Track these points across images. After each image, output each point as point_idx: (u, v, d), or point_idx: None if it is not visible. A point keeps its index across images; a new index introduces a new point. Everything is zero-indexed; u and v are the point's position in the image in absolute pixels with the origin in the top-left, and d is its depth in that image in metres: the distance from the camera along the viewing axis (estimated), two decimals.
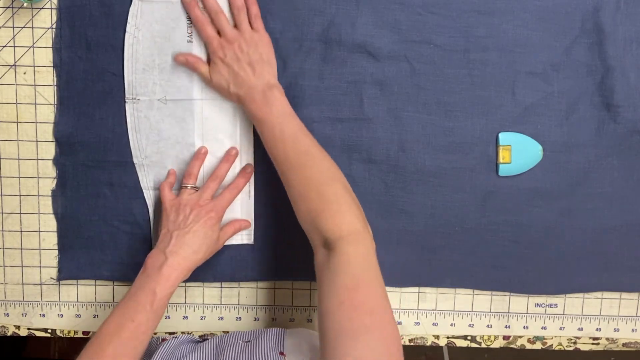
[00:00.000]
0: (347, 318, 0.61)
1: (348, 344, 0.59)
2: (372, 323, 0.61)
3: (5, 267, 0.86)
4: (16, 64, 0.82)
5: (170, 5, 0.79)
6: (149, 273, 0.73)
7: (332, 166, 0.74)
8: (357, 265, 0.66)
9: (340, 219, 0.70)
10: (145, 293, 0.72)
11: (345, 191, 0.73)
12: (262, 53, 0.77)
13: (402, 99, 0.82)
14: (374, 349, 0.59)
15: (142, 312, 0.71)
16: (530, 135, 0.82)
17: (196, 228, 0.76)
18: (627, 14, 0.80)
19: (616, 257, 0.85)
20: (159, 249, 0.75)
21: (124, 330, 0.70)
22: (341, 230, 0.69)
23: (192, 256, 0.75)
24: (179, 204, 0.78)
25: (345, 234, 0.68)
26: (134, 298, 0.72)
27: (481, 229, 0.84)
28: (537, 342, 0.88)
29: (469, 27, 0.80)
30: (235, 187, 0.81)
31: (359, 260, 0.67)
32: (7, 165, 0.83)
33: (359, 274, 0.65)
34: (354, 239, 0.68)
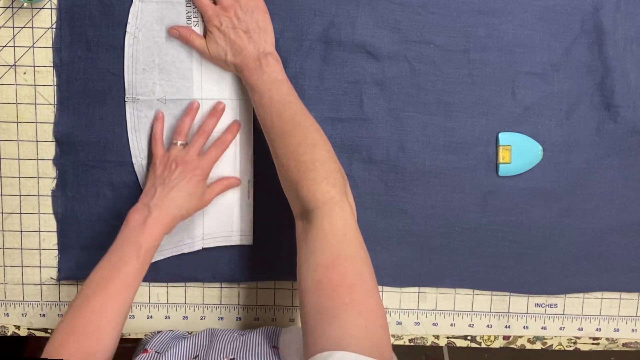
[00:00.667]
0: (325, 297, 0.59)
1: (326, 324, 0.57)
2: (351, 300, 0.59)
3: (5, 267, 0.86)
4: (16, 64, 0.82)
5: (170, 5, 0.79)
6: (133, 226, 0.73)
7: (315, 133, 0.72)
8: (333, 240, 0.63)
9: (315, 187, 0.67)
10: (130, 246, 0.71)
11: (327, 158, 0.70)
12: (258, 20, 0.76)
13: (402, 99, 0.82)
14: (352, 326, 0.57)
15: (128, 264, 0.70)
16: (530, 135, 0.82)
17: (181, 185, 0.76)
18: (627, 14, 0.80)
19: (616, 257, 0.85)
20: (143, 202, 0.75)
21: (110, 282, 0.69)
22: (316, 199, 0.66)
23: (175, 211, 0.75)
24: (167, 159, 0.78)
25: (320, 204, 0.66)
26: (119, 251, 0.71)
27: (481, 229, 0.84)
28: (537, 342, 0.88)
29: (469, 27, 0.80)
30: (222, 143, 0.80)
31: (335, 233, 0.64)
32: (7, 165, 0.83)
33: (335, 249, 0.63)
34: (330, 209, 0.65)
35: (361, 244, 0.64)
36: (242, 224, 0.84)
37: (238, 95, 0.81)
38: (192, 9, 0.79)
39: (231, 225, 0.83)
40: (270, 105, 0.73)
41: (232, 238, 0.84)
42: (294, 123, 0.72)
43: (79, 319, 0.68)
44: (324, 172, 0.68)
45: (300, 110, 0.73)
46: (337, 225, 0.64)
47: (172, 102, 0.81)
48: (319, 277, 0.61)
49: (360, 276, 0.61)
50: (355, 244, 0.64)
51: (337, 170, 0.69)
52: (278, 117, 0.72)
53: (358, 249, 0.64)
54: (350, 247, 0.63)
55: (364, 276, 0.61)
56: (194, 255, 0.84)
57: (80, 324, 0.67)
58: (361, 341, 0.56)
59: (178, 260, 0.84)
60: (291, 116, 0.72)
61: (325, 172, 0.68)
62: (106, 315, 0.68)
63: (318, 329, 0.57)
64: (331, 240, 0.63)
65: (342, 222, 0.65)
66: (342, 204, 0.66)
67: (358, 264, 0.62)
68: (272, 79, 0.74)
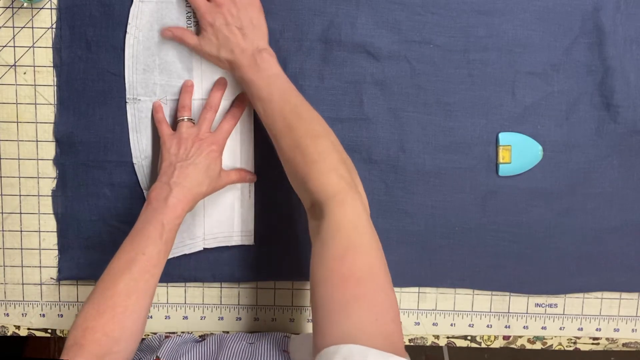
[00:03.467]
0: (335, 289, 0.58)
1: (336, 317, 0.57)
2: (361, 293, 0.58)
3: (5, 267, 0.86)
4: (16, 64, 0.82)
5: (170, 5, 0.79)
6: (155, 206, 0.72)
7: (318, 124, 0.71)
8: (345, 231, 0.62)
9: (325, 179, 0.66)
10: (153, 226, 0.71)
11: (332, 149, 0.69)
12: (252, 17, 0.75)
13: (402, 99, 0.82)
14: (361, 320, 0.56)
15: (152, 244, 0.69)
16: (530, 135, 0.82)
17: (199, 160, 0.75)
18: (627, 14, 0.80)
19: (616, 257, 0.85)
20: (162, 181, 0.74)
21: (135, 264, 0.68)
22: (327, 191, 0.65)
23: (196, 188, 0.74)
24: (180, 137, 0.77)
25: (331, 196, 0.65)
26: (142, 232, 0.71)
27: (481, 229, 0.84)
28: (537, 342, 0.88)
29: (469, 27, 0.80)
30: (233, 117, 0.80)
31: (346, 226, 0.63)
32: (7, 165, 0.83)
33: (346, 241, 0.62)
34: (341, 200, 0.64)
35: (373, 236, 0.63)
36: (243, 223, 0.84)
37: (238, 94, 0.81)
38: (192, 9, 0.79)
39: (232, 225, 0.83)
40: (271, 100, 0.72)
41: (233, 238, 0.84)
42: (296, 116, 0.71)
43: (105, 299, 0.67)
44: (331, 164, 0.67)
45: (300, 103, 0.73)
46: (347, 216, 0.63)
47: (173, 102, 0.81)
48: (330, 268, 0.60)
49: (371, 269, 0.60)
50: (367, 236, 0.63)
51: (344, 160, 0.69)
52: (279, 111, 0.71)
53: (370, 241, 0.63)
54: (362, 239, 0.62)
55: (375, 269, 0.61)
56: (194, 255, 0.84)
57: (108, 305, 0.66)
58: (371, 335, 0.55)
59: (178, 260, 0.84)
60: (292, 109, 0.71)
61: (332, 163, 0.67)
62: (132, 298, 0.67)
63: (326, 322, 0.57)
64: (342, 232, 0.62)
65: (352, 213, 0.64)
66: (353, 194, 0.65)
67: (369, 256, 0.61)
68: (269, 74, 0.74)
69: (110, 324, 0.65)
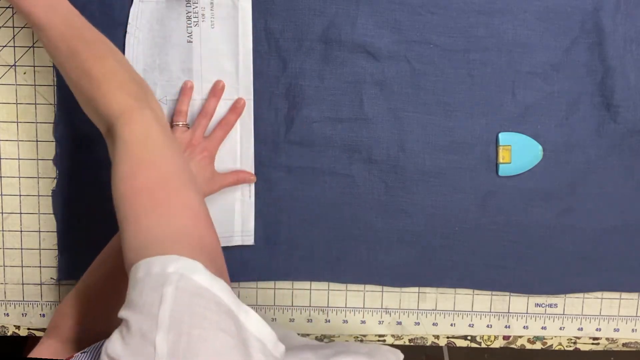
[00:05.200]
0: (129, 206, 0.55)
1: (130, 233, 0.53)
2: (153, 202, 0.55)
3: (5, 267, 0.86)
4: (16, 64, 0.82)
5: (170, 5, 0.79)
6: None
7: (103, 44, 0.66)
8: (133, 148, 0.59)
9: (111, 98, 0.62)
10: None
11: (118, 68, 0.64)
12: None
13: (402, 99, 0.82)
14: (154, 228, 0.53)
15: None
16: (530, 135, 0.82)
17: (192, 166, 0.76)
18: (627, 14, 0.80)
19: (616, 257, 0.85)
20: None
21: (114, 259, 0.69)
22: (114, 110, 0.61)
23: None
24: None
25: (118, 115, 0.61)
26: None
27: (481, 229, 0.84)
28: (537, 342, 0.88)
29: (469, 27, 0.80)
30: (227, 124, 0.80)
31: (134, 141, 0.59)
32: (7, 165, 0.83)
33: (136, 156, 0.58)
34: (128, 118, 0.60)
35: (166, 147, 0.60)
36: (243, 224, 0.84)
37: (238, 95, 0.81)
38: (192, 9, 0.79)
39: (232, 225, 0.83)
40: (51, 27, 0.65)
41: (234, 238, 0.84)
42: (79, 40, 0.66)
43: (83, 290, 0.68)
44: (117, 82, 0.63)
45: (83, 25, 0.67)
46: (136, 132, 0.60)
47: (173, 102, 0.81)
48: (123, 189, 0.57)
49: (164, 179, 0.57)
50: (157, 149, 0.59)
51: (131, 79, 0.64)
52: (61, 37, 0.65)
53: (162, 154, 0.59)
54: (154, 152, 0.59)
55: (169, 179, 0.57)
56: None
57: (82, 294, 0.67)
58: (165, 242, 0.51)
59: None
60: (75, 34, 0.66)
61: (118, 82, 0.63)
62: (105, 294, 0.67)
63: (125, 241, 0.54)
64: (130, 151, 0.59)
65: (141, 128, 0.60)
66: (142, 110, 0.61)
67: (160, 169, 0.58)
68: (49, 1, 0.66)
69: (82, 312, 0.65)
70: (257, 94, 0.81)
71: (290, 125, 0.82)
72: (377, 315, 0.87)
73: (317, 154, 0.82)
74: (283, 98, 0.82)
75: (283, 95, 0.82)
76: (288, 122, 0.82)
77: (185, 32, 0.80)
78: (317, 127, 0.82)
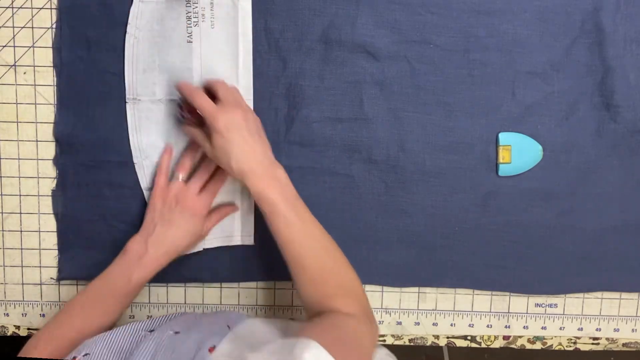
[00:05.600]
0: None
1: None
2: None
3: (5, 267, 0.86)
4: (16, 64, 0.82)
5: (170, 5, 0.79)
6: (129, 259, 0.74)
7: (342, 253, 0.73)
8: (344, 326, 0.64)
9: (349, 303, 0.69)
10: (121, 278, 0.73)
11: (358, 280, 0.72)
12: (258, 124, 0.75)
13: (402, 99, 0.82)
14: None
15: (115, 296, 0.73)
16: (530, 135, 0.82)
17: (179, 222, 0.76)
18: (627, 14, 0.80)
19: (616, 257, 0.85)
20: (142, 236, 0.76)
21: (95, 307, 0.72)
22: (341, 309, 0.68)
23: (173, 249, 0.76)
24: (167, 195, 0.78)
25: (344, 311, 0.68)
26: (110, 281, 0.74)
27: (481, 229, 0.84)
28: (537, 342, 0.88)
29: (469, 27, 0.80)
30: (220, 180, 0.80)
31: (349, 325, 0.65)
32: (7, 165, 0.83)
33: (343, 331, 0.63)
34: (352, 316, 0.67)
35: (364, 356, 0.62)
36: (243, 223, 0.84)
37: None
38: (192, 9, 0.79)
39: (232, 225, 0.83)
40: (294, 223, 0.70)
41: (234, 238, 0.84)
42: (324, 240, 0.72)
43: (60, 326, 0.71)
44: (358, 296, 0.70)
45: (321, 228, 0.72)
46: (351, 322, 0.66)
47: (173, 102, 0.81)
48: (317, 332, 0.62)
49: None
50: (359, 349, 0.62)
51: (366, 296, 0.71)
52: (309, 235, 0.71)
53: (360, 353, 0.62)
54: (355, 342, 0.63)
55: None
56: (194, 255, 0.83)
57: (58, 334, 0.71)
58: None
59: (178, 260, 0.84)
60: (321, 235, 0.72)
61: (359, 295, 0.70)
62: (83, 334, 0.69)
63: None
64: (340, 325, 0.64)
65: (356, 324, 0.66)
66: (369, 323, 0.68)
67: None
68: (291, 194, 0.72)
69: (56, 352, 0.69)
70: (257, 94, 0.81)
71: (290, 125, 0.82)
72: (377, 315, 0.87)
73: (317, 154, 0.82)
74: (283, 98, 0.82)
75: (283, 95, 0.82)
76: (288, 122, 0.82)
77: (185, 32, 0.80)
78: (317, 127, 0.82)
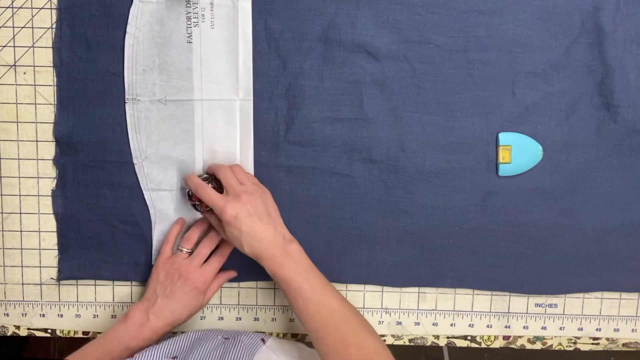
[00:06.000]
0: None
1: None
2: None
3: (5, 267, 0.86)
4: (16, 64, 0.82)
5: (170, 5, 0.79)
6: (129, 327, 0.75)
7: (364, 320, 0.73)
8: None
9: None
10: (118, 343, 0.74)
11: (383, 347, 0.71)
12: (268, 204, 0.76)
13: (402, 99, 0.82)
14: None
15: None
16: (530, 135, 0.82)
17: (180, 296, 0.77)
18: (627, 14, 0.80)
19: (616, 257, 0.85)
20: (144, 306, 0.77)
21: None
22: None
23: (173, 320, 0.77)
24: (171, 267, 0.79)
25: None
26: (107, 345, 0.74)
27: (481, 229, 0.84)
28: (537, 342, 0.88)
29: (469, 27, 0.80)
30: (222, 256, 0.81)
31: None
32: (7, 165, 0.83)
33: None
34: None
35: None
36: None
37: (238, 96, 0.81)
38: (192, 10, 0.79)
39: None
40: (310, 296, 0.72)
41: None
42: (345, 310, 0.72)
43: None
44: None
45: (341, 296, 0.73)
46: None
47: (172, 102, 0.81)
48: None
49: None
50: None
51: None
52: (326, 307, 0.71)
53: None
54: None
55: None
56: None
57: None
58: None
59: None
60: (340, 305, 0.72)
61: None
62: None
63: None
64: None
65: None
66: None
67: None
68: (305, 266, 0.73)
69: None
70: (257, 94, 0.81)
71: (290, 125, 0.82)
72: (377, 315, 0.87)
73: (317, 154, 0.82)
74: (283, 98, 0.82)
75: (283, 95, 0.82)
76: (288, 122, 0.82)
77: (185, 33, 0.80)
78: (317, 127, 0.82)
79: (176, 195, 0.83)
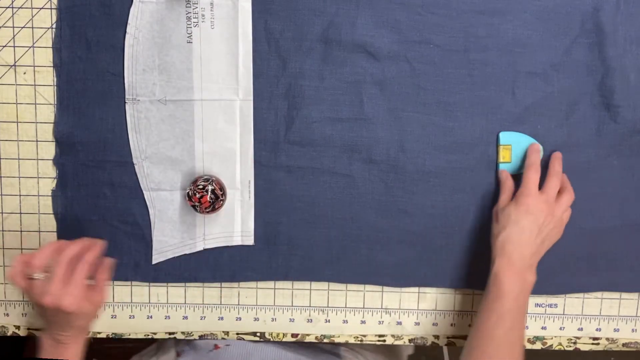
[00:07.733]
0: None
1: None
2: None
3: (5, 267, 0.86)
4: (16, 64, 0.82)
5: (170, 5, 0.79)
6: (49, 353, 0.73)
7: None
8: None
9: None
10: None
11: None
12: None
13: (402, 99, 0.82)
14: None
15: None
16: (530, 135, 0.82)
17: (60, 319, 0.72)
18: (627, 14, 0.80)
19: (616, 257, 0.85)
20: (48, 331, 0.74)
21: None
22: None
23: (77, 334, 0.74)
24: (33, 296, 0.71)
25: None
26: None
27: (481, 229, 0.84)
28: (537, 342, 0.88)
29: (469, 27, 0.80)
30: (83, 265, 0.73)
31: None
32: (7, 165, 0.83)
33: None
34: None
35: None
36: (243, 224, 0.84)
37: (238, 96, 0.81)
38: (192, 10, 0.79)
39: (232, 225, 0.84)
40: (512, 317, 0.75)
41: (234, 238, 0.84)
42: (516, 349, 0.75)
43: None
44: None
45: (520, 341, 0.77)
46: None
47: (172, 102, 0.81)
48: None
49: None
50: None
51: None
52: (516, 328, 0.75)
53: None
54: None
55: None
56: (194, 255, 0.84)
57: None
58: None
59: (178, 260, 0.84)
60: (520, 331, 0.76)
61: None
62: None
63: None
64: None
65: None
66: None
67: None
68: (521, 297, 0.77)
69: None
70: (257, 94, 0.81)
71: (290, 125, 0.82)
72: (377, 315, 0.87)
73: (317, 154, 0.82)
74: (283, 98, 0.82)
75: (283, 95, 0.82)
76: (288, 122, 0.82)
77: (185, 33, 0.80)
78: (317, 127, 0.82)
79: (176, 196, 0.83)
